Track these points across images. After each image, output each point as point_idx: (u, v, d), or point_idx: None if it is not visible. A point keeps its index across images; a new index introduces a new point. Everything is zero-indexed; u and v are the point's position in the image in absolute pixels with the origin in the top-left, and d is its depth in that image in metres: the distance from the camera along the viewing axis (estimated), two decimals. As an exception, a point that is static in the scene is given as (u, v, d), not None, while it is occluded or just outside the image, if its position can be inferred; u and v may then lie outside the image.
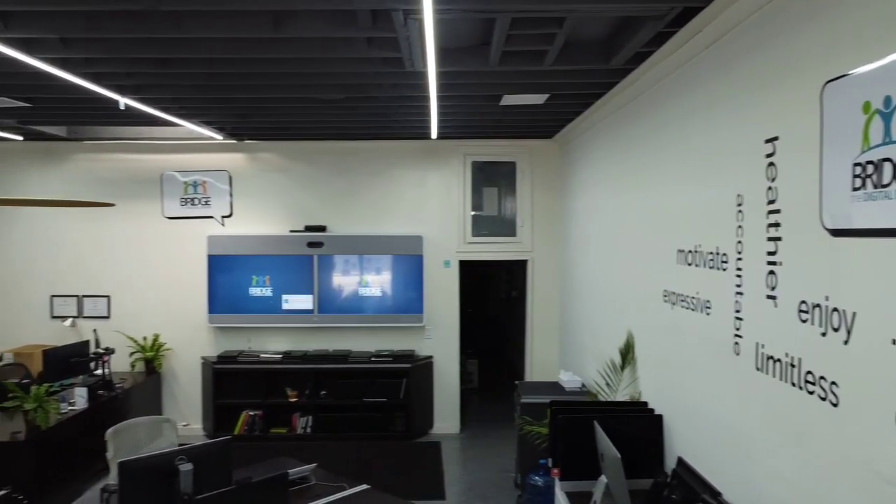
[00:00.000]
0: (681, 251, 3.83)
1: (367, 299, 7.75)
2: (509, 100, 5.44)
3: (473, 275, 9.10)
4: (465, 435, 7.87)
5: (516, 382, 6.42)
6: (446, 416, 7.92)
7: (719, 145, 3.35)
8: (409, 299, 7.75)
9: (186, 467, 3.58)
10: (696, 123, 3.68)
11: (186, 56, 4.09)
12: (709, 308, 3.44)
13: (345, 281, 7.75)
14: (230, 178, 7.84)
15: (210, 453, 3.80)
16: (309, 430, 7.59)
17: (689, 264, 3.70)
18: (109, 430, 4.44)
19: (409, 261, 7.72)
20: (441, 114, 5.97)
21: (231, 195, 7.85)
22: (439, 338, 7.91)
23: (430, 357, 7.87)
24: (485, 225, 7.99)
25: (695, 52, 3.63)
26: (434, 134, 7.11)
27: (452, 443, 7.58)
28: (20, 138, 7.44)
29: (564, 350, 7.59)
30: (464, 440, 7.72)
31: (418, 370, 7.65)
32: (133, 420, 4.69)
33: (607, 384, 4.92)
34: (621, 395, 4.82)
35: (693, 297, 3.65)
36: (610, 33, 4.06)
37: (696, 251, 3.61)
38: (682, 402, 3.84)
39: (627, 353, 4.80)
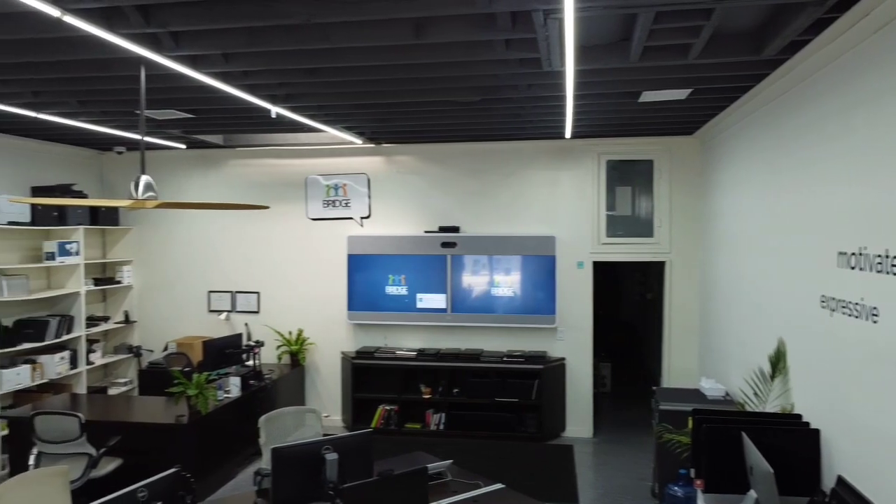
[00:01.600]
0: (842, 254, 3.55)
1: (499, 299, 7.79)
2: (649, 96, 5.27)
3: (605, 276, 8.90)
4: (598, 439, 7.72)
5: (654, 388, 6.21)
6: (579, 419, 7.81)
7: (889, 139, 3.07)
8: (541, 300, 7.70)
9: (332, 456, 3.76)
10: (860, 116, 3.40)
11: (333, 65, 4.29)
12: (875, 315, 3.17)
13: (477, 281, 7.83)
14: (368, 181, 8.15)
15: (353, 444, 3.97)
16: (442, 426, 7.74)
17: (853, 268, 3.42)
18: (262, 418, 4.75)
19: (541, 261, 7.68)
20: (576, 113, 5.89)
21: (369, 197, 8.16)
22: (572, 339, 7.80)
23: (563, 359, 7.79)
24: (620, 225, 7.79)
25: (861, 37, 3.35)
26: (568, 133, 7.03)
27: (585, 447, 7.46)
28: (183, 146, 8.13)
29: (705, 356, 7.24)
30: (597, 445, 7.57)
31: (550, 371, 7.59)
32: (282, 409, 4.98)
33: (755, 394, 4.65)
34: (771, 407, 4.53)
35: (857, 304, 3.37)
36: (762, 22, 3.83)
37: (860, 254, 3.33)
38: (844, 416, 3.55)
39: (778, 361, 4.50)
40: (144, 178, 4.11)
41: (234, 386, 6.57)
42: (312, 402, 8.28)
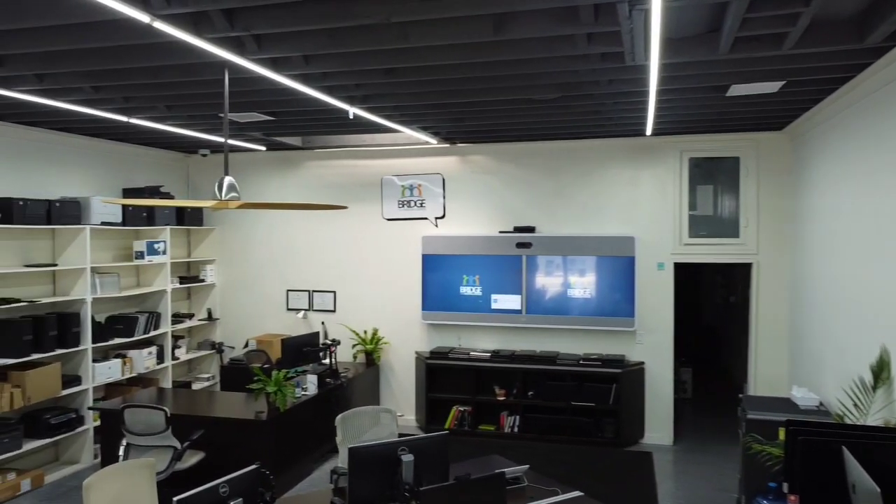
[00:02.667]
0: (958, 256, 3.26)
1: (576, 301, 7.62)
2: (738, 90, 5.03)
3: (685, 278, 8.60)
4: (678, 447, 7.45)
5: (740, 396, 5.93)
6: (658, 425, 7.55)
7: None
8: (619, 302, 7.49)
9: (408, 458, 3.73)
10: (981, 105, 3.11)
11: (411, 65, 4.27)
12: None
13: (553, 282, 7.69)
14: (443, 181, 8.14)
15: (429, 446, 3.93)
16: (516, 429, 7.64)
17: (971, 272, 3.14)
18: (339, 417, 4.78)
19: (619, 262, 7.47)
20: (659, 108, 5.69)
21: (444, 197, 8.14)
22: (651, 343, 7.56)
23: (642, 363, 7.55)
24: (703, 225, 7.49)
25: (981, 21, 3.07)
26: (649, 130, 6.81)
27: (665, 454, 7.21)
28: (263, 148, 8.33)
29: (796, 363, 6.87)
30: (677, 453, 7.30)
31: (629, 376, 7.38)
32: (358, 408, 5.00)
33: (855, 405, 4.35)
34: (873, 419, 4.23)
35: (976, 311, 3.09)
36: (865, 7, 3.57)
37: (980, 256, 3.05)
38: (959, 433, 3.27)
39: (881, 370, 4.20)
40: (228, 180, 4.20)
41: (311, 384, 6.67)
42: (387, 401, 8.34)
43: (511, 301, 7.78)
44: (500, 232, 7.90)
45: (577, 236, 7.62)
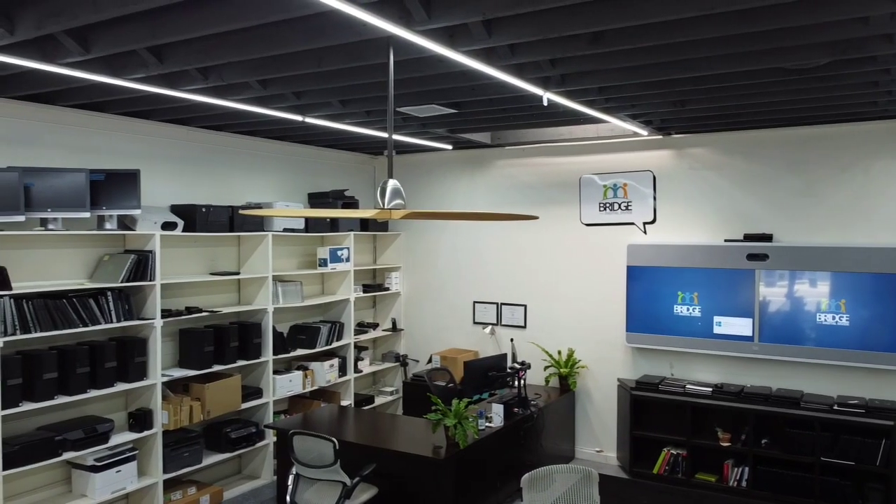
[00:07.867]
0: None
1: (827, 328, 6.02)
2: None
3: None
4: (977, 530, 5.58)
5: None
6: (946, 497, 5.73)
7: None
8: (889, 332, 5.78)
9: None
10: None
11: (624, 24, 3.21)
12: None
13: (796, 303, 6.15)
14: (654, 180, 6.89)
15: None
16: (744, 483, 6.20)
17: None
18: (525, 478, 3.86)
19: (890, 281, 5.76)
20: (975, 73, 4.08)
21: (654, 199, 6.89)
22: (937, 389, 5.76)
23: (923, 414, 5.78)
24: None
25: None
26: (944, 107, 5.11)
27: (959, 539, 5.41)
28: (449, 147, 7.64)
29: None
30: (977, 538, 5.45)
31: (905, 430, 5.65)
32: (549, 468, 4.04)
33: None
34: None
35: None
36: None
37: None
38: None
39: None
40: (392, 184, 3.41)
41: (496, 414, 5.82)
42: (583, 434, 7.27)
43: (739, 325, 6.35)
44: (727, 240, 6.49)
45: (831, 247, 6.01)
